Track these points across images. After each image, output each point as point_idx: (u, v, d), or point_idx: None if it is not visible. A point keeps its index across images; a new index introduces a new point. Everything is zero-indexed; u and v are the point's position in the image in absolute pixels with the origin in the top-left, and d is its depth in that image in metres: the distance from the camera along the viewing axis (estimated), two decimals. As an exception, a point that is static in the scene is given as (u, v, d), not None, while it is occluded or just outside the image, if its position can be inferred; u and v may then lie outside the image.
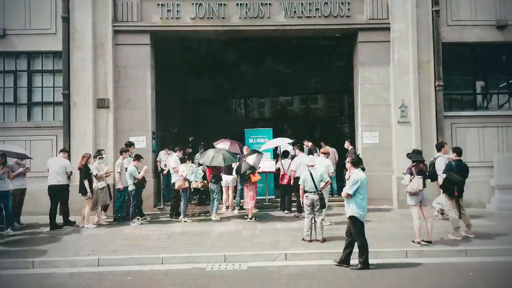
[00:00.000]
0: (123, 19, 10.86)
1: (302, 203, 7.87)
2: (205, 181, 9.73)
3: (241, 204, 10.39)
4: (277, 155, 11.88)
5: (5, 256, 6.94)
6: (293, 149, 10.82)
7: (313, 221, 7.52)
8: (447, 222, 8.15)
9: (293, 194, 10.44)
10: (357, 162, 6.54)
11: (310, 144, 12.04)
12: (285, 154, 10.54)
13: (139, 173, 9.25)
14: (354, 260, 6.29)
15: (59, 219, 9.24)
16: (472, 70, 11.48)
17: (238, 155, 10.37)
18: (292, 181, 9.78)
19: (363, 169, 10.24)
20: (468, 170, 7.90)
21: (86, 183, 9.06)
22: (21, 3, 10.79)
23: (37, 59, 11.06)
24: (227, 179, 10.42)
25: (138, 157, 9.39)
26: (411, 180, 7.07)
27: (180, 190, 9.48)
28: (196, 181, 9.44)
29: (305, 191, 7.57)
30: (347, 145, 10.77)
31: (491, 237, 7.62)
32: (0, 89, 10.97)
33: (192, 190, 9.72)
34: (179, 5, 10.90)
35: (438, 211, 9.28)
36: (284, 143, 11.60)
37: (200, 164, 10.33)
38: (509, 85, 11.41)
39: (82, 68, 10.59)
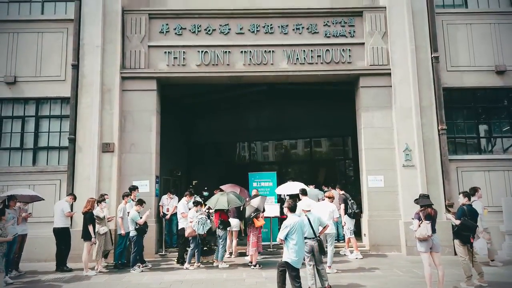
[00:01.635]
0: (130, 66, 11.18)
1: None
2: (205, 232, 9.48)
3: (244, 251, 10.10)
4: (281, 199, 11.70)
5: (0, 306, 6.71)
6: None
7: (315, 269, 7.21)
8: (459, 270, 7.86)
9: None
10: (294, 208, 6.53)
11: None
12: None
13: (140, 218, 9.12)
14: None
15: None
16: (475, 114, 11.57)
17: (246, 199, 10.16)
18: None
19: (360, 213, 10.14)
20: (478, 215, 7.74)
21: (90, 228, 8.92)
22: (33, 51, 11.20)
23: (45, 104, 11.28)
24: (231, 223, 10.18)
25: (140, 202, 9.28)
26: (419, 226, 6.90)
27: (190, 237, 9.31)
28: (202, 234, 9.24)
29: (304, 238, 7.30)
30: (337, 191, 10.70)
31: (504, 286, 7.31)
32: (7, 134, 11.12)
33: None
34: (185, 53, 11.26)
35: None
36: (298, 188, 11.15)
37: (209, 208, 9.78)
38: (512, 128, 11.46)
39: (89, 113, 10.78)
